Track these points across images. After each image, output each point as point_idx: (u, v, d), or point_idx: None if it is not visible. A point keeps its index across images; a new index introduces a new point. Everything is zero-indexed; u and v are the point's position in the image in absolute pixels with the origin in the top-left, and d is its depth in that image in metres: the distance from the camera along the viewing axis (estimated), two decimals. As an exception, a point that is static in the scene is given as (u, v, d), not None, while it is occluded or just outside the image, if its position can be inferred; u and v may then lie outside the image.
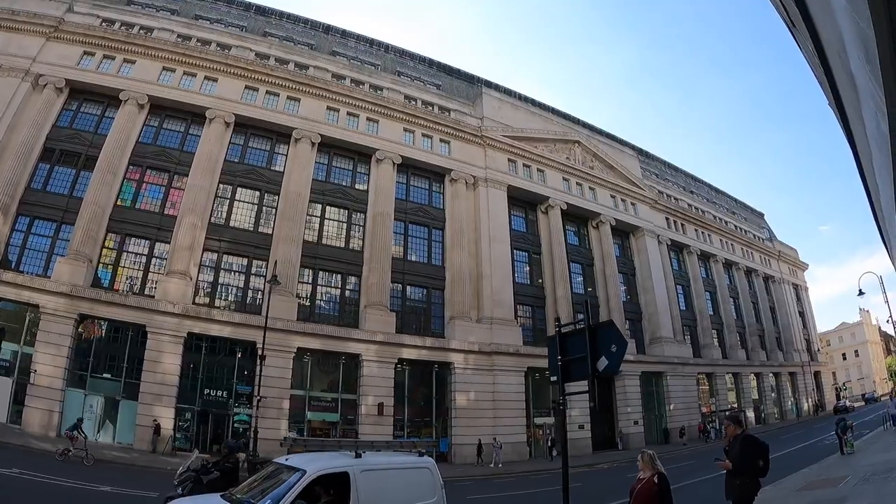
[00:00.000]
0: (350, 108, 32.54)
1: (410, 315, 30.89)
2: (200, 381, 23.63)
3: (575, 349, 6.23)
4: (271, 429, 22.60)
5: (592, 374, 5.82)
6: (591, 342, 5.92)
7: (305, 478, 6.41)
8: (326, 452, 10.51)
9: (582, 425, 32.22)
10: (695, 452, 30.26)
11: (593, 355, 5.86)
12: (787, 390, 54.06)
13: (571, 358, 6.29)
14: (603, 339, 5.94)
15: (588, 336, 5.97)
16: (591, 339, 5.94)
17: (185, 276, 24.37)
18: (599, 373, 5.87)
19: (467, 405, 28.71)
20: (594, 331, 6.04)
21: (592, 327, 6.06)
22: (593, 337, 5.97)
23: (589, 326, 6.03)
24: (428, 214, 33.68)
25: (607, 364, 5.80)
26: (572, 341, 6.38)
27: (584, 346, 5.95)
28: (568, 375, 6.34)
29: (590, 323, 6.06)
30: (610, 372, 5.87)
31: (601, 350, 5.87)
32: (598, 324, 6.19)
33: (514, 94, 43.67)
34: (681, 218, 48.86)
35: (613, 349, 5.78)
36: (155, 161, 27.25)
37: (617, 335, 5.90)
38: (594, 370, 5.82)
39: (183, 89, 28.47)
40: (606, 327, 6.12)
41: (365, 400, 25.97)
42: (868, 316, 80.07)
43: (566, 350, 6.41)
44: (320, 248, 29.16)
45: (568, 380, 6.38)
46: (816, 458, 19.21)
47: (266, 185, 29.19)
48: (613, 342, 5.83)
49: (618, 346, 5.78)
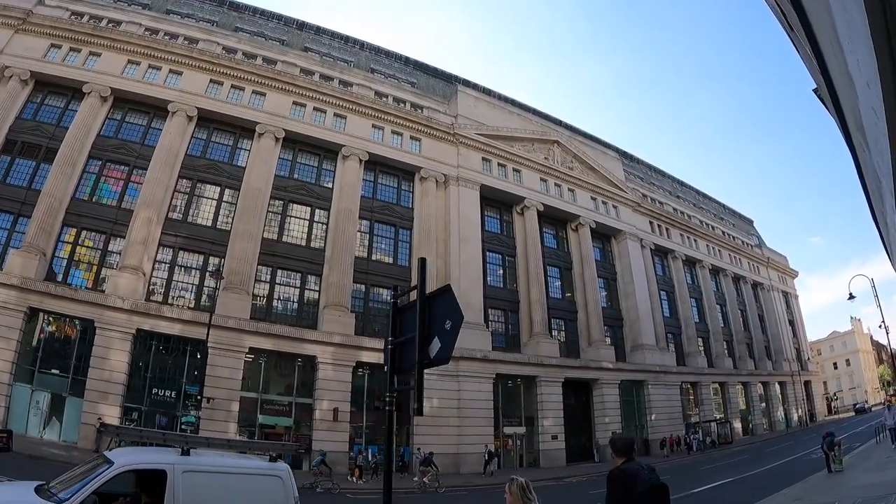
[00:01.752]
0: (317, 103, 31.49)
1: (374, 317, 29.41)
2: (149, 380, 22.61)
3: (408, 328, 4.71)
4: (219, 432, 21.24)
5: (419, 363, 4.29)
6: (422, 318, 4.40)
7: (108, 472, 5.48)
8: (153, 447, 8.93)
9: (555, 435, 30.64)
10: (673, 465, 28.64)
11: (423, 336, 4.35)
12: (775, 400, 52.42)
13: (403, 339, 4.75)
14: (438, 312, 4.43)
15: (419, 310, 4.45)
16: (422, 314, 4.43)
17: (138, 271, 23.40)
18: (430, 361, 4.35)
19: (430, 412, 26.98)
20: (427, 301, 4.52)
21: (426, 297, 4.54)
22: (424, 311, 4.45)
23: (422, 296, 4.51)
24: (395, 213, 32.32)
25: (439, 348, 4.29)
26: (408, 317, 4.84)
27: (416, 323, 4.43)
28: (398, 363, 4.78)
29: (424, 291, 4.54)
30: (440, 361, 4.36)
31: (435, 328, 4.36)
32: (432, 292, 4.64)
33: (492, 93, 42.49)
34: (665, 222, 47.54)
35: (448, 326, 4.27)
36: (115, 154, 26.38)
37: (452, 305, 4.37)
38: (422, 357, 4.30)
39: (147, 82, 27.69)
40: (441, 295, 4.55)
41: (320, 404, 24.62)
42: (859, 324, 78.67)
43: (400, 330, 4.88)
44: (280, 245, 28.04)
45: (398, 370, 4.81)
46: (800, 476, 17.59)
47: (227, 181, 28.17)
48: (448, 317, 4.31)
49: (452, 323, 4.26)
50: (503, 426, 29.78)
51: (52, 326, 22.62)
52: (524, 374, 31.12)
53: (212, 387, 21.87)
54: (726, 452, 34.23)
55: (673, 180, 57.83)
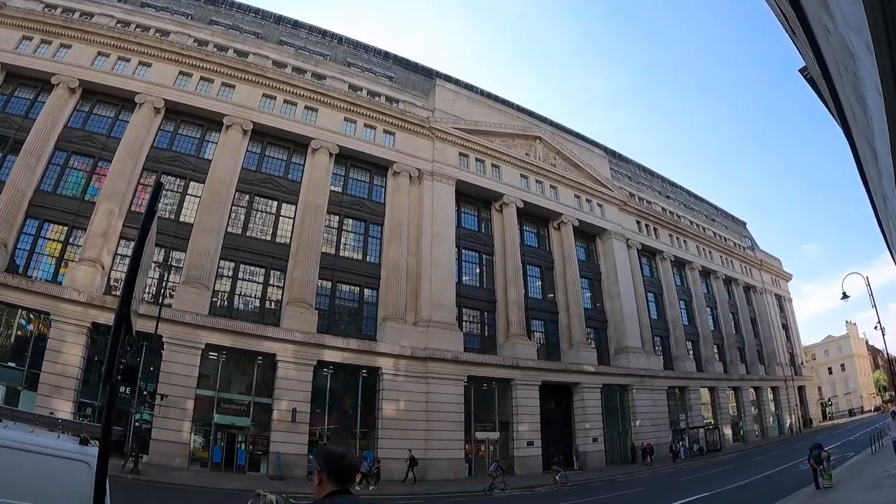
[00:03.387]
0: (288, 95, 30.48)
1: (340, 315, 28.32)
2: (104, 375, 21.14)
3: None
4: (173, 430, 20.97)
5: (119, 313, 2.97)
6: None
7: None
8: None
9: (531, 441, 29.23)
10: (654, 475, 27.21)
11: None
12: (768, 406, 50.86)
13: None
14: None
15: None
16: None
17: (97, 263, 22.77)
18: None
19: (396, 415, 25.76)
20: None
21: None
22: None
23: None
24: (366, 208, 31.09)
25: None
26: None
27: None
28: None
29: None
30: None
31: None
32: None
33: (473, 88, 41.28)
34: (654, 222, 46.26)
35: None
36: (81, 146, 25.85)
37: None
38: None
39: (115, 74, 27.29)
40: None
41: (279, 404, 23.47)
42: (855, 329, 77.07)
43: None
44: (245, 240, 27.09)
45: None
46: (785, 491, 15.87)
47: (192, 174, 27.38)
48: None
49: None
50: (475, 431, 28.36)
51: (9, 318, 21.90)
52: (499, 376, 29.73)
53: (166, 384, 21.24)
54: (713, 461, 32.75)
55: (663, 180, 56.59)
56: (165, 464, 20.24)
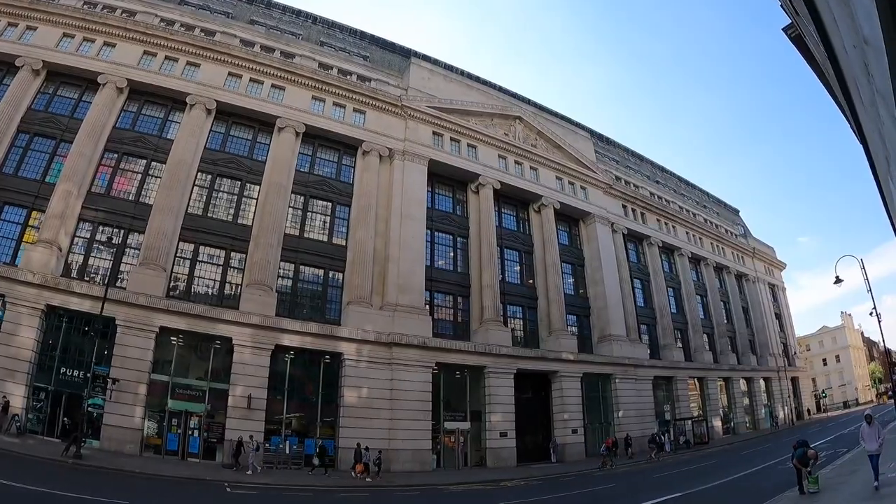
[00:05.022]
0: (254, 74, 29.40)
1: (303, 299, 27.09)
2: (58, 359, 21.35)
3: None
4: (125, 416, 20.32)
5: None
6: None
7: None
8: None
9: (504, 432, 27.75)
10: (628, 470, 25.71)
11: None
12: (760, 397, 49.43)
13: None
14: None
15: None
16: None
17: (53, 245, 22.11)
18: None
19: (358, 403, 24.41)
20: None
21: None
22: None
23: None
24: (333, 189, 29.65)
25: None
26: None
27: None
28: None
29: None
30: None
31: None
32: None
33: (452, 68, 39.73)
34: (640, 206, 44.69)
35: None
36: (44, 128, 25.21)
37: None
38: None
39: (79, 55, 26.92)
40: None
41: (234, 390, 22.44)
42: (850, 320, 75.63)
43: None
44: (206, 221, 26.21)
45: None
46: (765, 494, 13.85)
47: (154, 154, 26.56)
48: None
49: None
50: (444, 421, 26.91)
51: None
52: (471, 364, 28.26)
53: (119, 367, 20.53)
54: (698, 455, 31.20)
55: (653, 165, 54.99)
56: (116, 450, 19.64)
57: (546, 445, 30.16)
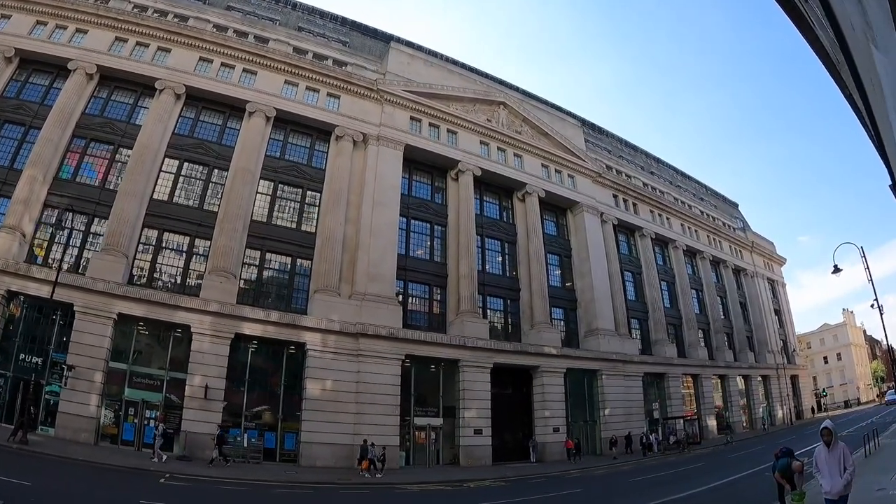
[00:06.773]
0: (225, 58, 28.63)
1: (268, 287, 26.09)
2: (17, 345, 20.77)
3: None
4: (81, 404, 19.62)
5: None
6: None
7: None
8: None
9: (479, 430, 26.35)
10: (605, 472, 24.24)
11: None
12: (757, 395, 47.73)
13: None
14: None
15: None
16: None
17: (16, 230, 21.62)
18: None
19: (322, 396, 23.20)
20: None
21: None
22: None
23: None
24: (304, 174, 28.48)
25: None
26: None
27: None
28: None
29: None
30: None
31: None
32: None
33: (436, 54, 38.38)
34: (633, 196, 43.15)
35: None
36: (13, 115, 24.88)
37: None
38: None
39: (51, 42, 26.15)
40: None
41: (192, 380, 21.55)
42: (852, 317, 73.54)
43: None
44: (171, 207, 25.46)
45: None
46: None
47: (121, 140, 26.03)
48: None
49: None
50: (415, 416, 25.58)
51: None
52: (445, 356, 26.91)
53: (76, 354, 19.93)
54: (685, 456, 29.56)
55: (647, 156, 53.35)
56: (71, 438, 18.98)
57: (526, 444, 28.77)
